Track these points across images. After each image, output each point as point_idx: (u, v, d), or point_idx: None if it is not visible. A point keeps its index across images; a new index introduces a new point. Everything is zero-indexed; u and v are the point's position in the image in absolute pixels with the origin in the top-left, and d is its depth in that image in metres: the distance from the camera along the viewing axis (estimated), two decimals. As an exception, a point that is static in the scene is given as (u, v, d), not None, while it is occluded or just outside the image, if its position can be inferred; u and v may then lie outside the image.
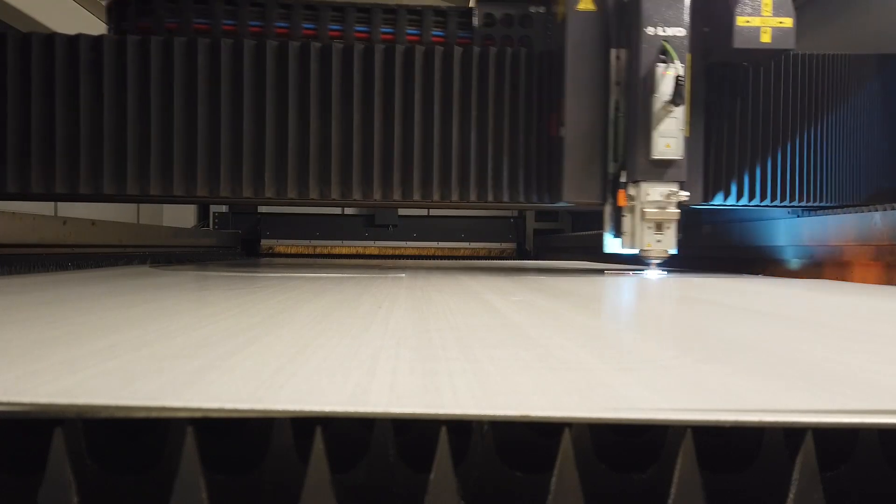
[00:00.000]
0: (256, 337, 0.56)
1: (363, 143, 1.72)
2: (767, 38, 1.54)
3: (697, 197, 1.68)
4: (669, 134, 1.55)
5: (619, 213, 1.64)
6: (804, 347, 0.56)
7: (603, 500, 0.41)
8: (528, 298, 1.02)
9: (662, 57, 1.55)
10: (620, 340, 0.63)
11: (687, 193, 1.58)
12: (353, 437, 0.42)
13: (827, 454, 0.38)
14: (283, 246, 4.29)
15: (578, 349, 0.53)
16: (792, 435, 0.38)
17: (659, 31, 1.57)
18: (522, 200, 1.75)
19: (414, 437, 0.43)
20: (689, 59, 1.59)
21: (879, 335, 0.67)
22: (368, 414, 0.34)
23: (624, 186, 1.61)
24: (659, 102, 1.54)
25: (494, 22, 1.86)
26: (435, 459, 0.35)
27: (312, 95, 1.71)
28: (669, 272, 1.83)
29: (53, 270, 1.89)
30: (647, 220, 1.56)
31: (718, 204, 1.79)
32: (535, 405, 0.35)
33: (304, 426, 0.36)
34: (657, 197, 1.57)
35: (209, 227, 4.30)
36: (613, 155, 1.65)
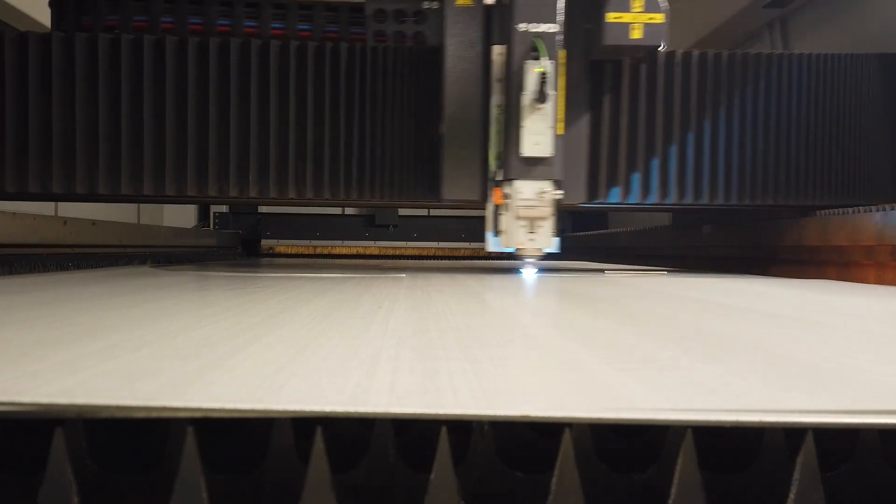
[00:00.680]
0: (256, 337, 0.56)
1: (224, 141, 1.73)
2: (638, 34, 1.54)
3: (580, 196, 1.69)
4: (538, 131, 1.55)
5: (496, 211, 1.63)
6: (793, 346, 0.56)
7: (603, 500, 0.41)
8: (528, 298, 1.02)
9: (534, 54, 1.55)
10: (617, 339, 0.63)
11: (561, 192, 1.58)
12: (353, 437, 0.42)
13: (827, 454, 0.38)
14: (283, 246, 4.29)
15: (580, 350, 0.53)
16: (792, 435, 0.38)
17: (531, 27, 1.56)
18: (403, 199, 1.76)
19: (414, 437, 0.43)
20: (563, 55, 1.60)
21: (880, 335, 0.67)
22: (368, 414, 0.34)
23: (500, 185, 1.61)
24: (527, 99, 1.54)
25: (386, 18, 1.86)
26: (435, 459, 0.35)
27: (211, 92, 1.72)
28: (670, 272, 1.82)
29: (54, 270, 1.90)
30: (519, 217, 1.57)
31: (610, 203, 1.78)
32: (535, 405, 0.35)
33: (304, 426, 0.36)
34: (529, 195, 1.57)
35: (209, 227, 4.30)
36: (496, 153, 1.63)
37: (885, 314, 0.87)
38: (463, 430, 0.41)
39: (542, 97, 1.52)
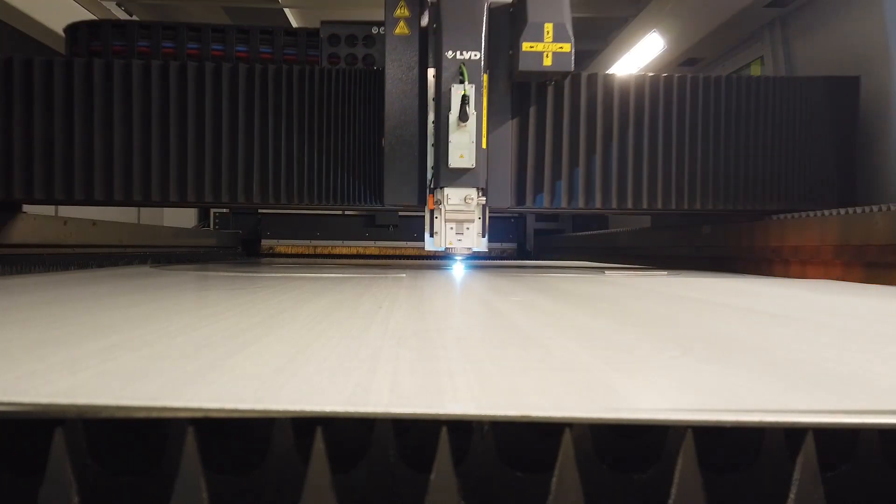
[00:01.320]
0: (257, 337, 0.56)
1: (199, 153, 1.93)
2: (549, 61, 1.78)
3: (507, 201, 1.93)
4: (462, 146, 1.79)
5: (432, 215, 1.87)
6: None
7: (603, 500, 0.41)
8: (528, 299, 1.02)
9: (461, 77, 1.79)
10: (607, 335, 0.63)
11: (483, 198, 1.83)
12: (353, 437, 0.42)
13: (827, 454, 0.38)
14: (283, 246, 4.29)
15: (581, 350, 0.53)
16: (792, 435, 0.38)
17: (458, 54, 1.80)
18: (353, 203, 1.98)
19: (414, 437, 0.43)
20: (486, 79, 1.84)
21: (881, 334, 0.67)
22: (369, 414, 0.34)
23: (433, 192, 1.85)
24: (452, 118, 1.78)
25: (339, 41, 2.14)
26: (435, 459, 0.35)
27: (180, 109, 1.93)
28: (670, 273, 1.83)
29: (55, 270, 1.89)
30: (448, 221, 1.84)
31: (536, 207, 2.00)
32: (535, 405, 0.35)
33: (304, 426, 0.36)
34: (456, 200, 1.82)
35: (210, 227, 4.30)
36: (433, 164, 1.87)
37: (885, 314, 0.87)
38: (463, 430, 0.41)
39: (464, 116, 1.76)
